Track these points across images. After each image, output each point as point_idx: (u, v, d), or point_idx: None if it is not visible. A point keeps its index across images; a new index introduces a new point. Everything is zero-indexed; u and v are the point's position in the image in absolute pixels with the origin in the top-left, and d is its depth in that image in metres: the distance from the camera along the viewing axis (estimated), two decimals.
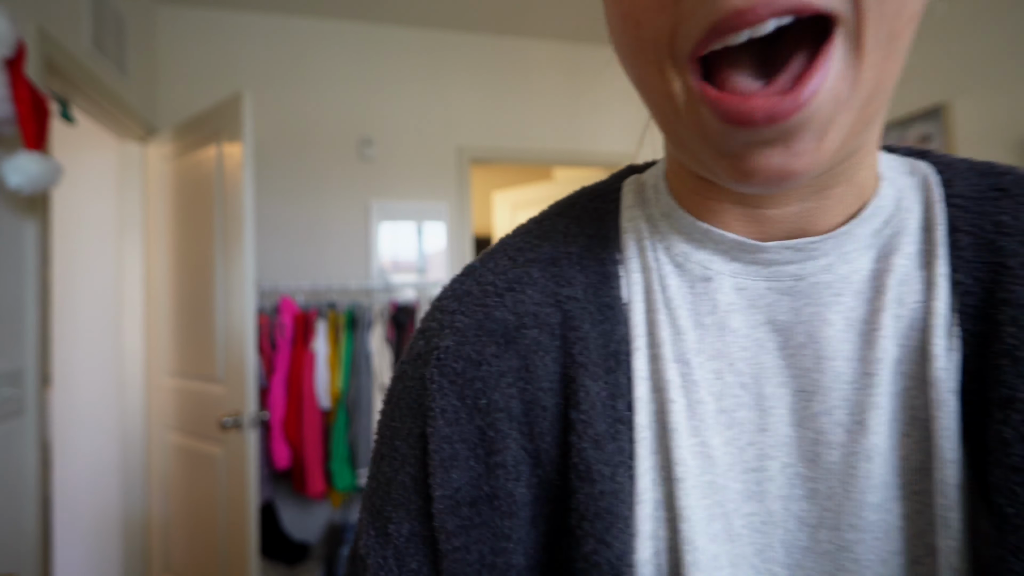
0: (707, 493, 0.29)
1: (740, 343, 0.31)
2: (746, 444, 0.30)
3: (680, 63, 0.25)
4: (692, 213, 0.32)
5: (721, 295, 0.31)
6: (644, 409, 0.30)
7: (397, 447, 0.34)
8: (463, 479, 0.31)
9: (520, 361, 0.32)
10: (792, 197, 0.29)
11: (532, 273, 0.34)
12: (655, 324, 0.31)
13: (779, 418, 0.30)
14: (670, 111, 0.27)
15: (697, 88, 0.24)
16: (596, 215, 0.36)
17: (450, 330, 0.34)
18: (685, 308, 0.31)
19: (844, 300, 0.29)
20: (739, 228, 0.31)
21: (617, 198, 0.37)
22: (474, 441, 0.31)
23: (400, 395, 0.35)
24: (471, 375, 0.32)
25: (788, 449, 0.29)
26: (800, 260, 0.30)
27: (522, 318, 0.32)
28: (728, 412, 0.30)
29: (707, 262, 0.32)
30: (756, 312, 0.31)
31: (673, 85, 0.25)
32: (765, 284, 0.31)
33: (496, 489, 0.31)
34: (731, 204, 0.31)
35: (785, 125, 0.23)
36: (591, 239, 0.34)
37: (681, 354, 0.31)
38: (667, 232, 0.33)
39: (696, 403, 0.30)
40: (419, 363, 0.34)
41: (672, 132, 0.28)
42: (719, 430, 0.30)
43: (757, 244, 0.30)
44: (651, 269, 0.33)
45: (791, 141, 0.23)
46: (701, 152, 0.26)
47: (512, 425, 0.31)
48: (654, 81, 0.27)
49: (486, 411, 0.31)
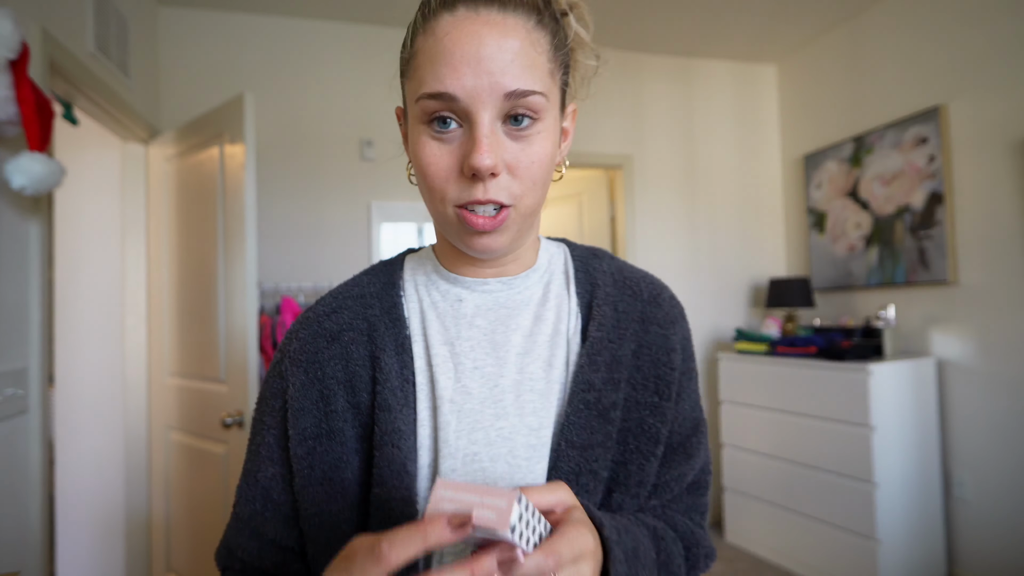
0: (461, 417, 0.51)
1: (482, 331, 0.55)
2: (491, 387, 0.53)
3: (452, 206, 0.48)
4: (448, 268, 0.58)
5: (467, 308, 0.56)
6: (421, 371, 0.53)
7: (265, 423, 0.55)
8: (308, 422, 0.51)
9: (342, 349, 0.53)
10: (496, 260, 0.56)
11: (347, 303, 0.56)
12: (427, 326, 0.55)
13: (508, 369, 0.53)
14: (446, 221, 0.50)
15: (460, 215, 0.48)
16: (387, 272, 0.59)
17: (296, 340, 0.55)
18: (449, 316, 0.55)
19: (528, 306, 0.57)
20: (472, 272, 0.57)
21: (401, 262, 0.61)
22: (315, 398, 0.52)
23: (265, 392, 0.56)
24: (311, 360, 0.53)
25: (514, 387, 0.53)
26: (506, 289, 0.57)
27: (342, 327, 0.54)
28: (480, 368, 0.53)
29: (458, 292, 0.56)
30: (488, 314, 0.56)
31: (449, 212, 0.49)
32: (491, 299, 0.56)
33: (331, 428, 0.51)
34: (469, 263, 0.56)
35: (491, 233, 0.48)
36: (384, 285, 0.57)
37: (448, 340, 0.54)
38: (435, 279, 0.58)
39: (459, 365, 0.53)
40: (277, 365, 0.56)
41: (444, 228, 0.51)
42: (475, 378, 0.53)
43: (484, 281, 0.56)
44: (423, 299, 0.57)
45: (492, 239, 0.49)
46: (457, 238, 0.51)
47: (339, 387, 0.52)
48: (441, 209, 0.49)
49: (322, 379, 0.52)
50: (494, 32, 0.44)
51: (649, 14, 2.85)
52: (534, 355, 0.54)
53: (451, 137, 0.46)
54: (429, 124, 0.47)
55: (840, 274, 3.00)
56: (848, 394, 2.35)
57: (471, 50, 0.44)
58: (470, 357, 0.53)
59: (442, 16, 0.46)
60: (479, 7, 0.45)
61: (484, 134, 0.44)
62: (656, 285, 0.61)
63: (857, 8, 2.85)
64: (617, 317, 0.56)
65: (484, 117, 0.45)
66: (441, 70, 0.45)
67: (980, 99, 2.37)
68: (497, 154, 0.45)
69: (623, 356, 0.54)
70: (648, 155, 3.27)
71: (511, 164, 0.46)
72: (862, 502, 2.29)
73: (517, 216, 0.48)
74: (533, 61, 0.46)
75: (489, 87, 0.44)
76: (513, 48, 0.44)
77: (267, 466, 0.53)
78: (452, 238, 0.52)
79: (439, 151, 0.46)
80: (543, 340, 0.54)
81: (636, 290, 0.58)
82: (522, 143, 0.46)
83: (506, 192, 0.47)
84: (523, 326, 0.55)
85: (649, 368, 0.55)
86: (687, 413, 0.57)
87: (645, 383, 0.54)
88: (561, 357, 0.54)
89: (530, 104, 0.45)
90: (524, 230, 0.51)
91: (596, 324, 0.55)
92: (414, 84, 0.48)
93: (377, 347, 0.52)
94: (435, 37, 0.46)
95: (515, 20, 0.45)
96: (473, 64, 0.44)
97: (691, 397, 0.58)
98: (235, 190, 1.91)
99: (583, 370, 0.52)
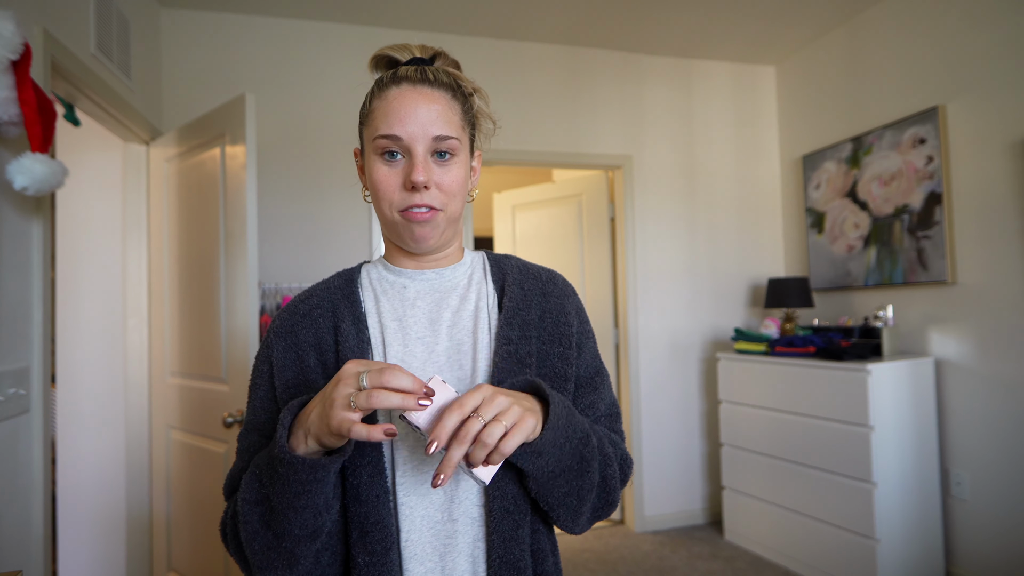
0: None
1: (422, 311, 0.73)
2: (429, 351, 0.71)
3: (397, 210, 0.68)
4: (395, 265, 0.77)
5: (411, 293, 0.74)
6: (376, 338, 0.71)
7: (257, 383, 0.72)
8: (289, 376, 0.69)
9: (312, 322, 0.71)
10: (431, 256, 0.75)
11: (317, 292, 0.75)
12: (380, 307, 0.73)
13: (441, 338, 0.71)
14: (393, 223, 0.69)
15: (404, 215, 0.68)
16: (347, 273, 0.78)
17: (278, 319, 0.74)
18: (397, 300, 0.74)
19: (456, 290, 0.75)
20: (413, 266, 0.76)
21: (358, 267, 0.80)
22: (293, 358, 0.70)
23: (256, 363, 0.74)
24: (289, 331, 0.72)
25: (447, 351, 0.71)
26: (438, 278, 0.76)
27: (312, 306, 0.73)
28: (422, 338, 0.71)
29: (403, 282, 0.75)
30: (426, 297, 0.74)
31: (395, 216, 0.69)
32: (428, 286, 0.75)
33: (307, 379, 0.68)
34: (411, 259, 0.76)
35: (425, 224, 0.68)
36: (345, 280, 0.76)
37: (398, 317, 0.72)
38: (385, 273, 0.77)
39: (406, 335, 0.71)
40: (265, 339, 0.74)
41: (391, 229, 0.71)
42: (418, 345, 0.71)
43: (422, 272, 0.75)
44: (376, 288, 0.75)
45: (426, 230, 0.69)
46: (402, 234, 0.70)
47: (311, 349, 0.70)
48: (389, 214, 0.69)
49: (297, 344, 0.70)
50: (425, 99, 0.67)
51: (649, 15, 2.86)
52: (459, 327, 0.73)
53: (397, 164, 0.68)
54: (382, 155, 0.68)
55: (839, 274, 3.01)
56: (846, 394, 2.35)
57: (411, 109, 0.67)
58: (414, 330, 0.72)
59: (391, 88, 0.68)
60: (416, 84, 0.68)
61: (420, 161, 0.66)
62: (551, 271, 0.82)
63: (855, 10, 2.86)
64: (524, 293, 0.75)
65: (420, 150, 0.66)
66: (392, 120, 0.67)
67: (978, 100, 2.38)
68: (428, 174, 0.66)
69: (531, 319, 0.74)
70: (648, 156, 3.28)
71: (437, 182, 0.68)
72: (860, 501, 2.29)
73: (444, 217, 0.69)
74: (450, 118, 0.68)
75: (422, 132, 0.66)
76: (437, 109, 0.68)
77: (261, 412, 0.71)
78: (396, 237, 0.72)
79: (389, 173, 0.68)
80: (467, 315, 0.74)
81: (536, 274, 0.79)
82: (444, 168, 0.68)
83: (436, 199, 0.68)
84: (452, 305, 0.74)
85: (552, 327, 0.74)
86: (588, 361, 0.78)
87: (551, 338, 0.74)
88: (484, 328, 0.73)
89: (448, 144, 0.68)
90: (449, 231, 0.73)
91: (508, 297, 0.74)
92: (371, 129, 0.69)
93: (338, 319, 0.71)
94: (387, 100, 0.68)
95: (439, 93, 0.69)
96: (412, 118, 0.66)
97: (591, 351, 0.79)
98: (236, 190, 1.92)
99: (503, 329, 0.71)
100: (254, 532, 0.61)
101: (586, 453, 0.66)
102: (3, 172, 1.39)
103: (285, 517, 0.58)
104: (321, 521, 0.60)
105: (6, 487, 1.40)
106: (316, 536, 0.61)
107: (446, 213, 0.69)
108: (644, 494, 3.19)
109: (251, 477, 0.62)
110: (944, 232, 2.46)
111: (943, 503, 2.48)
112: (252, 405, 0.73)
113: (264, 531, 0.60)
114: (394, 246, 0.76)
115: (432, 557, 0.65)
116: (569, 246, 3.48)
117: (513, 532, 0.66)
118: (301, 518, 0.58)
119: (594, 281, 3.36)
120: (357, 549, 0.63)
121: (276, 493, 0.58)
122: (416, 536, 0.65)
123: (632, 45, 3.18)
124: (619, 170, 3.24)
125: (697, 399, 3.30)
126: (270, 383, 0.71)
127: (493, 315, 0.74)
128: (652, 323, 3.24)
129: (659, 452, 3.22)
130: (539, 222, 3.63)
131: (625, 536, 3.12)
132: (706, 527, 3.21)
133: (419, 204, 0.66)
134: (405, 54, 0.73)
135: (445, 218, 0.69)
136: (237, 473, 0.70)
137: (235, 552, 0.67)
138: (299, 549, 0.60)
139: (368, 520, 0.63)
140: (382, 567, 0.62)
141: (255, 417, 0.71)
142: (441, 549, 0.65)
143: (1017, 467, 2.23)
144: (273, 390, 0.70)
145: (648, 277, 3.24)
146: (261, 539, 0.61)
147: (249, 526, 0.61)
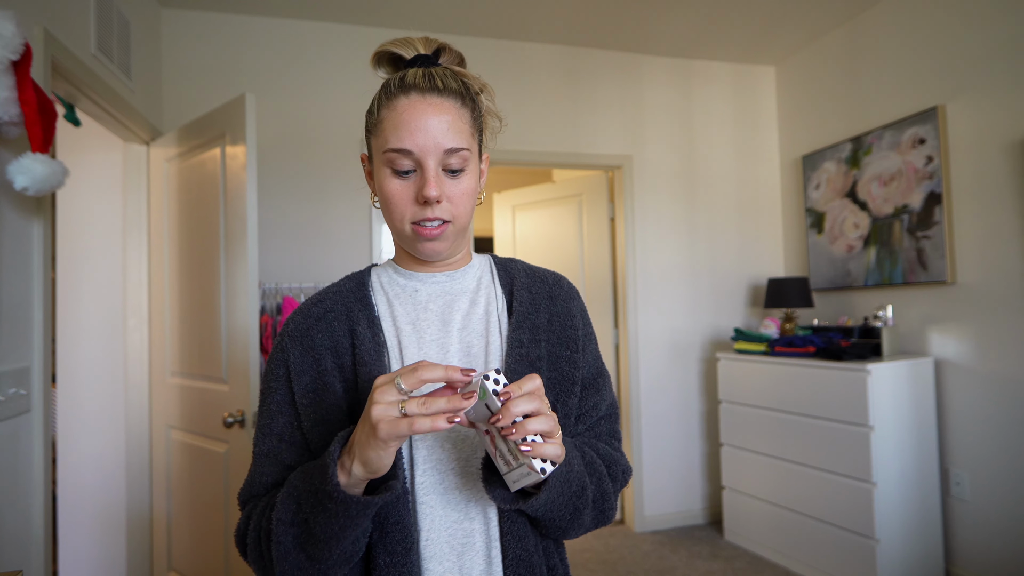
0: None
1: (435, 313, 0.74)
2: (444, 352, 0.71)
3: (409, 223, 0.68)
4: (406, 269, 0.77)
5: (422, 296, 0.75)
6: (391, 341, 0.71)
7: (272, 387, 0.71)
8: (307, 380, 0.69)
9: (327, 326, 0.71)
10: (440, 261, 0.76)
11: (329, 296, 0.75)
12: (394, 310, 0.74)
13: (452, 340, 0.72)
14: (404, 234, 0.69)
15: (415, 229, 0.68)
16: (358, 277, 0.78)
17: (292, 323, 0.73)
18: (409, 303, 0.75)
19: (466, 293, 0.76)
20: (424, 270, 0.76)
21: (368, 271, 0.80)
22: (310, 363, 0.69)
23: (270, 364, 0.73)
24: (304, 335, 0.71)
25: (459, 352, 0.72)
26: (449, 281, 0.76)
27: (326, 310, 0.73)
28: (435, 340, 0.72)
29: (414, 285, 0.76)
30: (437, 300, 0.75)
31: (407, 228, 0.68)
32: (439, 288, 0.76)
33: (324, 383, 0.68)
34: (421, 265, 0.76)
35: (436, 240, 0.69)
36: (356, 284, 0.77)
37: (411, 320, 0.73)
38: (396, 277, 0.77)
39: (420, 337, 0.72)
40: (279, 343, 0.73)
41: (403, 240, 0.71)
42: (432, 347, 0.71)
43: (432, 275, 0.76)
44: (388, 292, 0.76)
45: (436, 244, 0.69)
46: (413, 246, 0.70)
47: (327, 353, 0.69)
48: (400, 226, 0.69)
49: (313, 348, 0.70)
50: (435, 109, 0.66)
51: (649, 16, 2.86)
52: (470, 329, 0.73)
53: (409, 177, 0.67)
54: (393, 168, 0.67)
55: (838, 274, 3.01)
56: (846, 394, 2.36)
57: (421, 122, 0.65)
58: (428, 332, 0.72)
59: (400, 98, 0.66)
60: (425, 93, 0.66)
61: (432, 176, 0.65)
62: (556, 274, 0.83)
63: (855, 10, 2.86)
64: (532, 297, 0.77)
65: (431, 164, 0.66)
66: (402, 133, 0.65)
67: (978, 100, 2.38)
68: (440, 188, 0.66)
69: (540, 323, 0.75)
70: (647, 156, 3.28)
71: (448, 195, 0.67)
72: (860, 501, 2.30)
73: (453, 229, 0.69)
74: (460, 128, 0.67)
75: (434, 145, 0.65)
76: (448, 120, 0.66)
77: (279, 417, 0.70)
78: (408, 247, 0.72)
79: (401, 186, 0.67)
80: (477, 318, 0.74)
81: (543, 277, 0.81)
82: (455, 181, 0.68)
83: (447, 212, 0.68)
84: (462, 308, 0.75)
85: (560, 330, 0.76)
86: (591, 362, 0.79)
87: (560, 342, 0.75)
88: (495, 331, 0.74)
89: (460, 156, 0.67)
90: (458, 240, 0.73)
91: (518, 301, 0.75)
92: (380, 141, 0.68)
93: (353, 322, 0.71)
94: (396, 111, 0.66)
95: (449, 103, 0.67)
96: (423, 131, 0.65)
97: (593, 352, 0.80)
98: (236, 190, 1.92)
99: (514, 333, 0.72)
100: (286, 552, 0.61)
101: (580, 504, 0.66)
102: (3, 172, 1.39)
103: (327, 546, 0.59)
104: (359, 547, 0.61)
105: (6, 487, 1.40)
106: (351, 561, 0.62)
107: (457, 224, 0.69)
108: (644, 494, 3.19)
109: (288, 499, 0.61)
110: (944, 232, 2.47)
111: (943, 503, 2.48)
112: (267, 409, 0.71)
113: (297, 552, 0.61)
114: (404, 251, 0.77)
115: (450, 556, 0.66)
116: (569, 246, 3.48)
117: (525, 531, 0.67)
118: (341, 546, 0.59)
119: (594, 281, 3.36)
120: (378, 550, 0.63)
121: (320, 524, 0.58)
122: (435, 536, 0.66)
123: (632, 45, 3.18)
124: (619, 170, 3.24)
125: (697, 399, 3.30)
126: (287, 387, 0.70)
127: (503, 318, 0.75)
128: (652, 323, 3.24)
129: (659, 452, 3.22)
130: (539, 222, 3.63)
131: (625, 536, 3.12)
132: (706, 527, 3.21)
133: (431, 218, 0.66)
134: (409, 50, 0.71)
135: (455, 229, 0.69)
136: (255, 480, 0.71)
137: (255, 563, 0.67)
138: (332, 572, 0.62)
139: (388, 521, 0.63)
140: (403, 567, 0.63)
141: (271, 421, 0.70)
142: (459, 549, 0.66)
143: (1017, 467, 2.24)
144: (291, 394, 0.69)
145: (648, 277, 3.24)
146: (293, 559, 0.61)
147: (282, 546, 0.61)
